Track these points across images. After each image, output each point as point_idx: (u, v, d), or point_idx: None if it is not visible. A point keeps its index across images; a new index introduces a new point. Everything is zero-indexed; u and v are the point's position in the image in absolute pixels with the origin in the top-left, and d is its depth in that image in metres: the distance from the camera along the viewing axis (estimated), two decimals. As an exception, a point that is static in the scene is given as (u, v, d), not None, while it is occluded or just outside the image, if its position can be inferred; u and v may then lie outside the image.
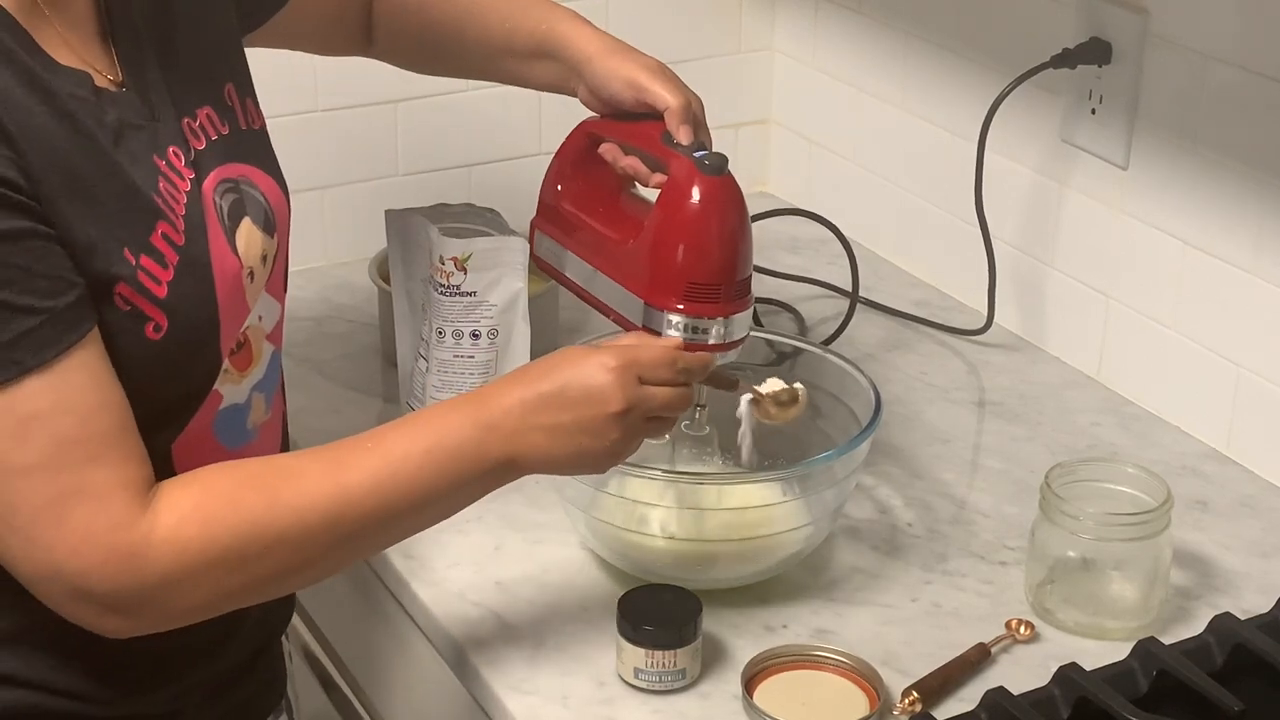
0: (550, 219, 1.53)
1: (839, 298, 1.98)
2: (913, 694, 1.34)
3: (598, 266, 1.46)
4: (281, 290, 1.38)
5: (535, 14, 1.52)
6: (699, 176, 1.37)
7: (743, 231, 1.39)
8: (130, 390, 1.20)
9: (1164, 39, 1.67)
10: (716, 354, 1.39)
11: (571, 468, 1.30)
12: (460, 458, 1.24)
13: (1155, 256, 1.72)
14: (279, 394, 1.40)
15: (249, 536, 1.18)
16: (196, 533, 1.16)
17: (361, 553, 1.27)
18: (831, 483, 1.47)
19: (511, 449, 1.25)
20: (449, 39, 1.57)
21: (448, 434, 1.24)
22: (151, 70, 1.26)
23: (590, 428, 1.26)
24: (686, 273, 1.37)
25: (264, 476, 1.21)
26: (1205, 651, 1.35)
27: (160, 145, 1.23)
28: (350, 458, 1.23)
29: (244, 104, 1.36)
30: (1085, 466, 1.47)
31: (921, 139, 2.01)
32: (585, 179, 1.51)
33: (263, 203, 1.33)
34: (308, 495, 1.20)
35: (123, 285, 1.18)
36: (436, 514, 1.27)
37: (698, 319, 1.38)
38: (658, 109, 1.42)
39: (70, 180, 1.15)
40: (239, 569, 1.18)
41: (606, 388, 1.26)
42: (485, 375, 1.60)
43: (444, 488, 1.24)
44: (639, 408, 1.27)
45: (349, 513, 1.20)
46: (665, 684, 1.36)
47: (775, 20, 2.22)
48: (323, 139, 2.01)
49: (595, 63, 1.46)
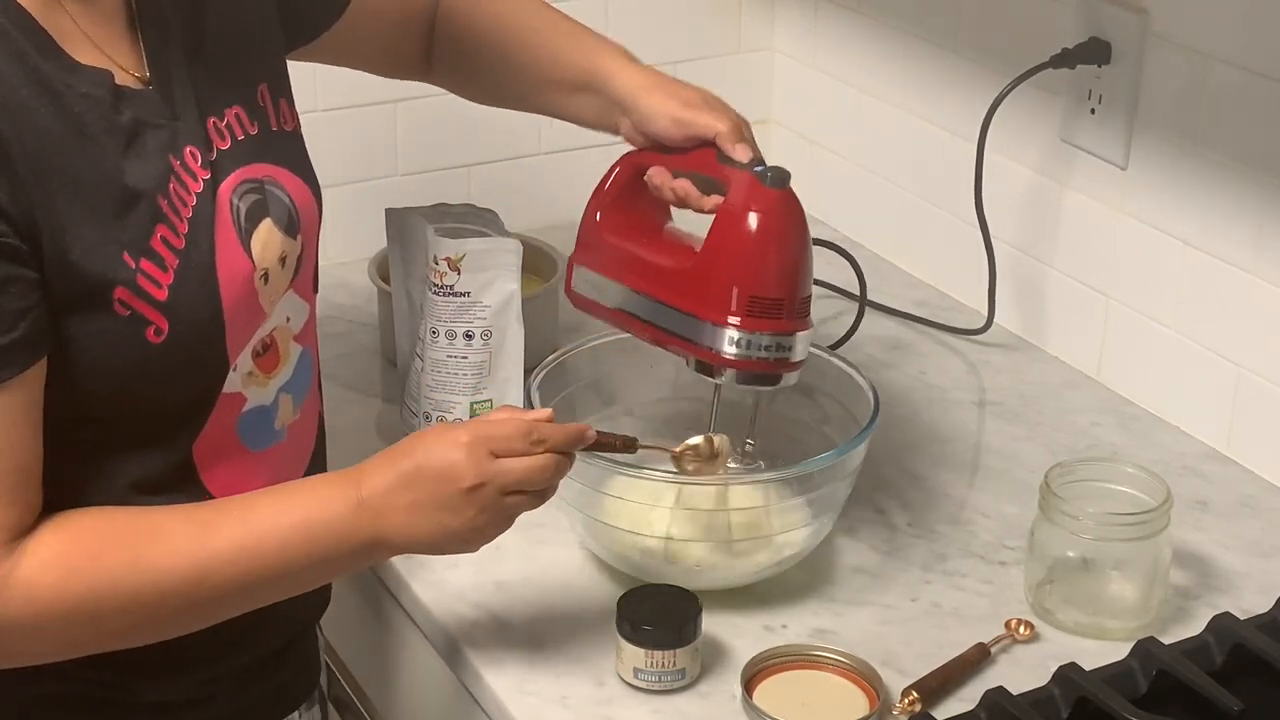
0: (591, 252, 1.50)
1: (838, 298, 1.98)
2: (912, 694, 1.34)
3: (648, 292, 1.44)
4: (311, 291, 1.38)
5: (581, 48, 1.53)
6: (762, 190, 1.37)
7: (805, 247, 1.38)
8: (134, 393, 1.21)
9: (1164, 39, 1.67)
10: (782, 374, 1.38)
11: (439, 547, 1.28)
12: (328, 535, 1.24)
13: (1155, 256, 1.72)
14: (312, 394, 1.40)
15: (104, 593, 1.18)
16: (52, 582, 1.17)
17: (217, 617, 1.26)
18: (831, 483, 1.46)
19: (378, 529, 1.24)
20: (498, 68, 1.57)
21: (319, 509, 1.24)
22: (178, 68, 1.26)
23: (447, 505, 1.24)
24: (749, 286, 1.35)
25: (131, 534, 1.20)
26: (1205, 651, 1.35)
27: (177, 145, 1.23)
28: (218, 523, 1.22)
29: (277, 105, 1.36)
30: (1085, 466, 1.47)
31: (921, 139, 2.00)
32: (629, 212, 1.49)
33: (287, 204, 1.33)
34: (169, 558, 1.20)
35: (121, 289, 1.18)
36: (297, 586, 1.27)
37: (757, 334, 1.36)
38: (707, 138, 1.42)
39: (69, 183, 1.15)
40: (88, 623, 1.19)
41: (457, 464, 1.24)
42: (479, 375, 1.60)
43: (306, 563, 1.24)
44: (493, 482, 1.25)
45: (209, 579, 1.21)
46: (665, 684, 1.36)
47: (775, 20, 2.22)
48: (323, 139, 2.00)
49: (639, 99, 1.46)
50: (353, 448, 1.61)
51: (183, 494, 1.27)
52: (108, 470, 1.24)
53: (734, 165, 1.39)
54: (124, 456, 1.24)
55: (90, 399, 1.20)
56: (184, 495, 1.27)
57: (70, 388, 1.18)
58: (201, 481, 1.28)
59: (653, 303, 1.43)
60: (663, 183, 1.45)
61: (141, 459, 1.25)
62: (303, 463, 1.40)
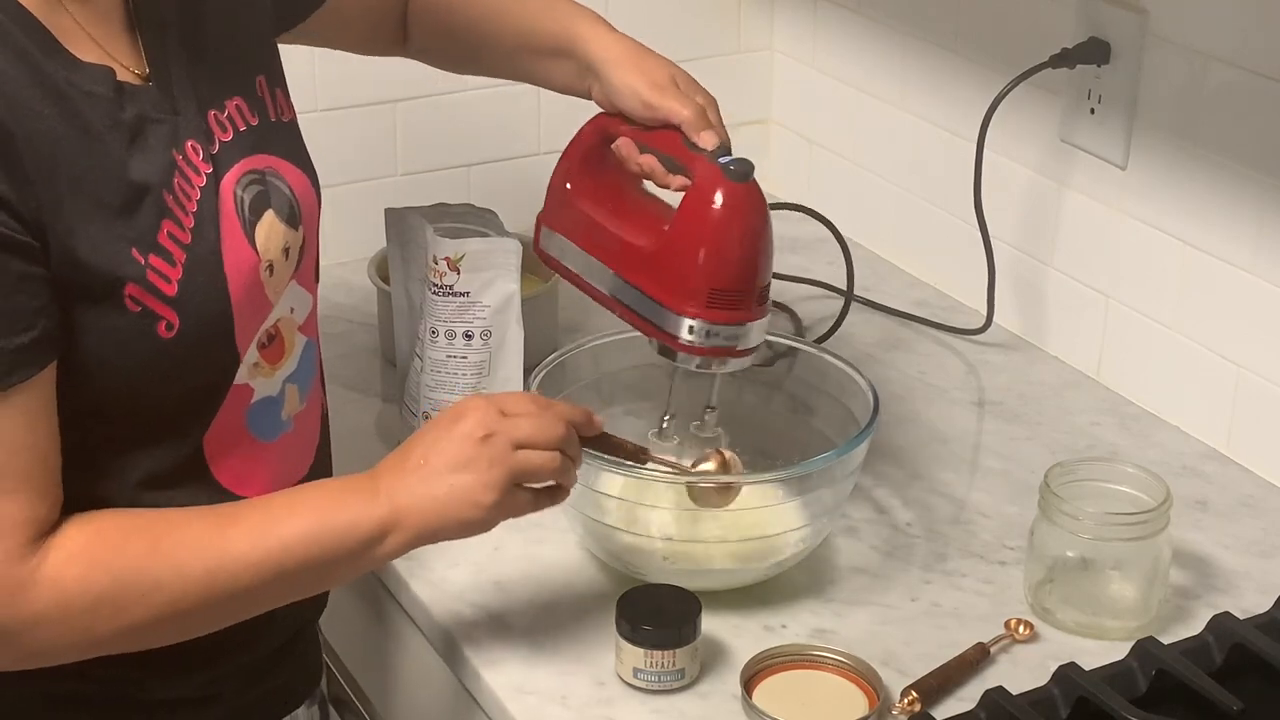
0: (559, 215, 1.51)
1: (837, 298, 1.98)
2: (912, 694, 1.34)
3: (612, 266, 1.45)
4: (313, 282, 1.39)
5: (556, 13, 1.53)
6: (725, 183, 1.37)
7: (766, 239, 1.39)
8: (146, 388, 1.21)
9: (1163, 39, 1.67)
10: (733, 360, 1.39)
11: (453, 516, 1.27)
12: (345, 519, 1.24)
13: (1155, 256, 1.72)
14: (316, 384, 1.40)
15: (127, 581, 1.18)
16: (77, 574, 1.17)
17: (237, 613, 1.26)
18: (830, 483, 1.46)
19: (393, 507, 1.25)
20: (475, 35, 1.57)
21: (337, 496, 1.25)
22: (177, 62, 1.26)
23: (457, 460, 1.25)
24: (710, 279, 1.37)
25: (153, 526, 1.21)
26: (1204, 651, 1.35)
27: (179, 140, 1.24)
28: (237, 515, 1.23)
29: (274, 95, 1.36)
30: (1085, 466, 1.47)
31: (921, 139, 2.00)
32: (597, 175, 1.50)
33: (288, 195, 1.33)
34: (190, 548, 1.20)
35: (132, 285, 1.18)
36: (315, 580, 1.28)
37: (715, 324, 1.37)
38: (672, 122, 1.42)
39: (76, 182, 1.16)
40: (111, 616, 1.19)
41: (466, 416, 1.27)
42: (479, 375, 1.60)
43: (321, 553, 1.24)
44: (502, 433, 1.26)
45: (227, 569, 1.21)
46: (664, 684, 1.36)
47: (775, 20, 2.22)
48: (322, 139, 2.00)
49: (610, 71, 1.46)
50: (353, 447, 1.61)
51: (193, 486, 1.27)
52: (119, 464, 1.24)
53: (699, 152, 1.40)
54: (135, 451, 1.24)
55: (103, 395, 1.20)
56: (195, 487, 1.27)
57: (83, 385, 1.19)
58: (211, 473, 1.29)
59: (616, 279, 1.45)
60: (629, 155, 1.46)
61: (153, 453, 1.25)
62: (310, 452, 1.40)
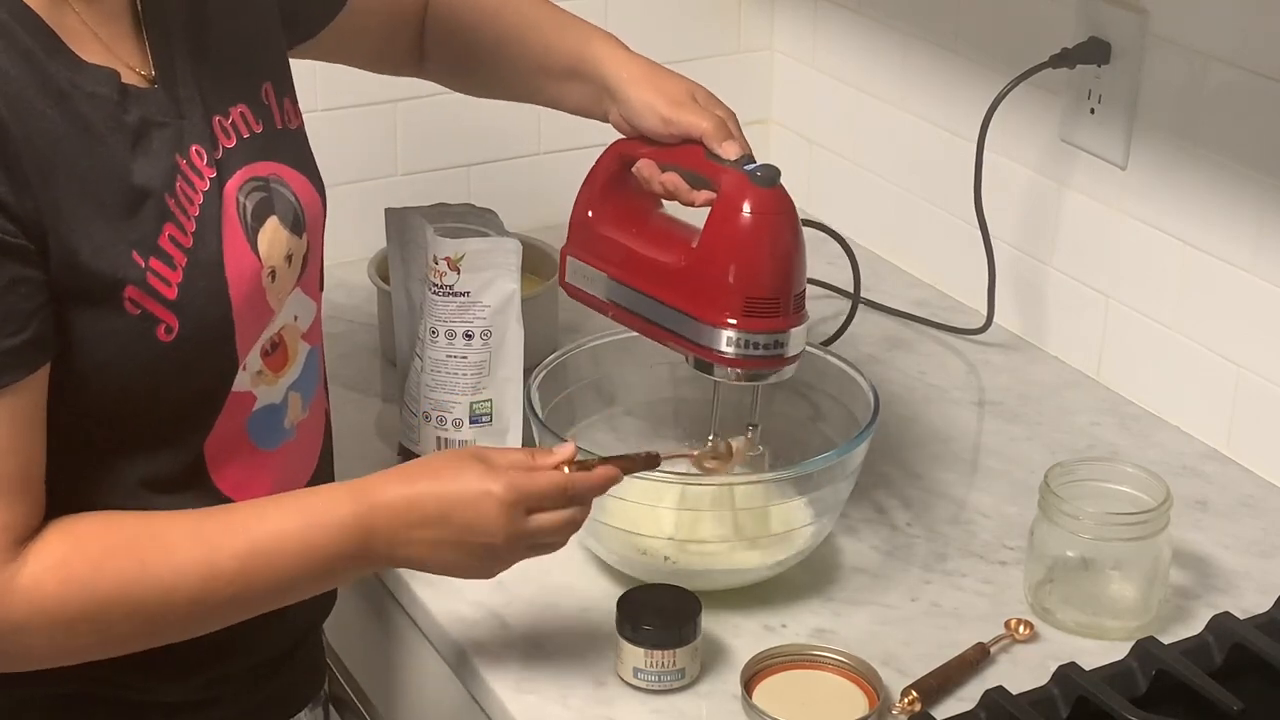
0: (584, 244, 1.50)
1: (839, 298, 1.98)
2: (912, 693, 1.34)
3: (643, 288, 1.44)
4: (317, 289, 1.38)
5: (572, 33, 1.53)
6: (752, 190, 1.37)
7: (799, 244, 1.38)
8: (145, 392, 1.21)
9: (1163, 39, 1.67)
10: (776, 369, 1.39)
11: (445, 573, 1.29)
12: (333, 556, 1.23)
13: (1155, 256, 1.72)
14: (319, 392, 1.40)
15: (108, 602, 1.18)
16: (54, 590, 1.16)
17: (221, 623, 1.25)
18: (831, 483, 1.46)
19: (387, 552, 1.24)
20: (490, 58, 1.57)
21: (324, 524, 1.22)
22: (183, 66, 1.26)
23: (472, 551, 1.25)
24: (745, 288, 1.36)
25: (136, 544, 1.19)
26: (1204, 651, 1.35)
27: (183, 144, 1.24)
28: (222, 531, 1.21)
29: (281, 103, 1.36)
30: (1085, 466, 1.47)
31: (921, 139, 2.01)
32: (619, 201, 1.49)
33: (292, 202, 1.33)
34: (173, 566, 1.19)
35: (132, 288, 1.18)
36: (300, 593, 1.26)
37: (754, 334, 1.37)
38: (693, 137, 1.42)
39: (77, 183, 1.15)
40: (92, 631, 1.18)
41: (491, 523, 1.24)
42: (479, 375, 1.60)
43: (306, 571, 1.23)
44: (524, 541, 1.26)
45: (211, 586, 1.20)
46: (665, 684, 1.36)
47: (774, 20, 2.22)
48: (323, 139, 1.99)
49: (627, 91, 1.46)
50: (353, 447, 1.61)
51: (193, 493, 1.27)
52: (118, 470, 1.24)
53: (722, 163, 1.39)
54: (134, 456, 1.24)
55: (101, 399, 1.20)
56: (195, 494, 1.27)
57: (81, 388, 1.18)
58: (212, 480, 1.28)
59: (648, 299, 1.44)
60: (651, 175, 1.45)
61: (152, 459, 1.25)
62: (312, 460, 1.40)
